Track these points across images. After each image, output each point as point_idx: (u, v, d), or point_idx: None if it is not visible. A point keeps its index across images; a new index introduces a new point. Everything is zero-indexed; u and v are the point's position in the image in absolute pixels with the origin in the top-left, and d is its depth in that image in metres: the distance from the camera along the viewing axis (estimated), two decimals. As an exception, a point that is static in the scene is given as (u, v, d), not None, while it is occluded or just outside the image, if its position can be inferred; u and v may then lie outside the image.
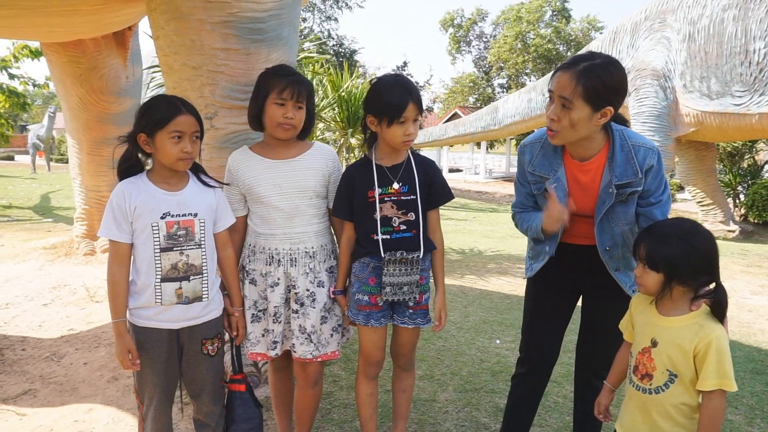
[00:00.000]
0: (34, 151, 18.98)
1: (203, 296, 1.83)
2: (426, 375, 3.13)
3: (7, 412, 2.66)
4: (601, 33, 29.95)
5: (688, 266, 1.44)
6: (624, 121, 1.89)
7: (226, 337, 2.05)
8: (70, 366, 3.20)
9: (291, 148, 2.04)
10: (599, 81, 1.63)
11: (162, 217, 1.76)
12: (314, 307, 2.01)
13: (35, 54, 8.85)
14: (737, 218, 10.47)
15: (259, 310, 2.05)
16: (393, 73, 2.53)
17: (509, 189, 19.20)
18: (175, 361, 1.85)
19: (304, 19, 25.84)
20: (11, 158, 26.30)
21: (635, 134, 1.81)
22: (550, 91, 1.74)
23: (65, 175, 15.35)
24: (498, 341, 3.73)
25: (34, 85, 10.27)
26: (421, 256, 1.96)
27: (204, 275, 1.83)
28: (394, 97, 1.88)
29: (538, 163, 1.89)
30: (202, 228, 1.83)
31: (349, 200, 2.01)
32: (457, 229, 9.84)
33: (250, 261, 2.05)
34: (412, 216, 1.96)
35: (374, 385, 2.17)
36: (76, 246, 5.97)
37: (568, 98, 1.66)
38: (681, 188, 12.39)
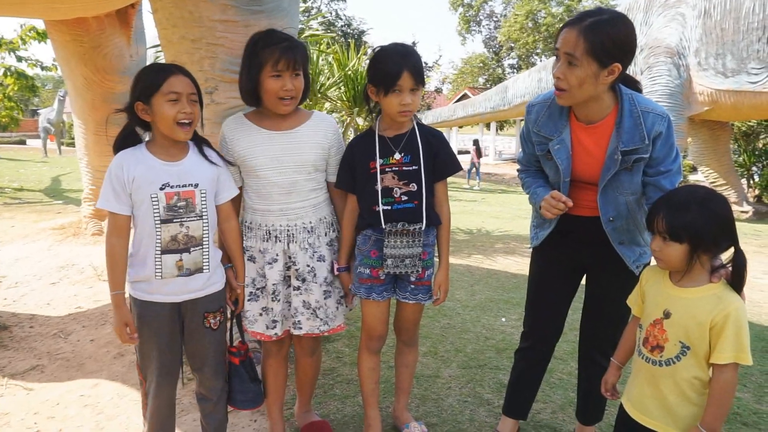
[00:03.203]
0: (45, 135, 19.12)
1: (204, 267, 1.80)
2: (430, 351, 3.12)
3: (15, 387, 2.70)
4: (614, 11, 29.16)
5: (712, 233, 1.39)
6: (635, 83, 1.82)
7: (228, 313, 2.02)
8: (77, 343, 3.23)
9: (289, 117, 1.93)
10: (606, 35, 1.57)
11: (161, 188, 1.72)
12: (316, 282, 1.96)
13: (42, 36, 8.82)
14: (751, 199, 10.31)
15: (258, 288, 1.99)
16: (398, 42, 2.42)
17: (519, 171, 18.99)
18: (178, 335, 1.83)
19: (311, -1, 25.47)
20: (23, 142, 26.52)
21: (646, 99, 1.73)
22: (556, 49, 1.68)
23: (76, 158, 15.45)
24: (504, 319, 3.71)
25: (42, 68, 10.27)
26: (423, 228, 1.92)
27: (204, 246, 1.80)
28: (388, 65, 1.82)
29: (543, 123, 1.83)
30: (204, 199, 1.78)
31: (351, 172, 1.97)
32: (465, 209, 9.79)
33: (246, 238, 1.99)
34: (414, 187, 1.92)
35: (377, 359, 2.16)
36: (84, 226, 6.01)
37: (573, 54, 1.60)
38: (694, 169, 12.19)
